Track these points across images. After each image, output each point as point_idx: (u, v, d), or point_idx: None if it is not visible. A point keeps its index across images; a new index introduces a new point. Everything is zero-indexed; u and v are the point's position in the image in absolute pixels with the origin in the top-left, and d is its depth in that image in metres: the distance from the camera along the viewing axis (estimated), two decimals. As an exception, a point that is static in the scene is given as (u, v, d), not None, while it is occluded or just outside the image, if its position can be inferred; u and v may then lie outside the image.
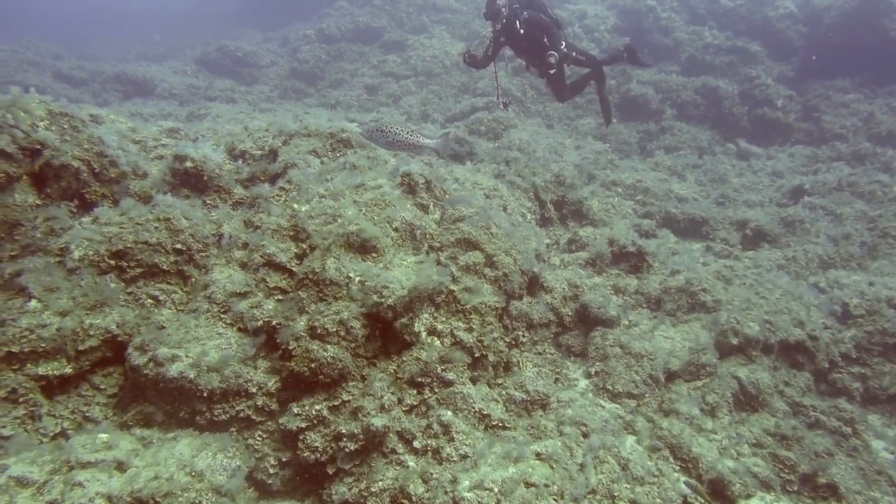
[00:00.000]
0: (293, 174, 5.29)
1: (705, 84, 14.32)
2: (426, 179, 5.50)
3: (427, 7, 18.42)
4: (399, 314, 4.35)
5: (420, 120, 12.40)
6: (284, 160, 5.74)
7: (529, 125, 13.13)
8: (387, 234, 4.73)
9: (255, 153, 5.98)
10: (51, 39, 18.83)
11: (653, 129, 13.62)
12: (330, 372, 4.08)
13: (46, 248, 4.14)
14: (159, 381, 3.72)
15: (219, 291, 4.27)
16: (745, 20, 16.28)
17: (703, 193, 10.94)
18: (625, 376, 5.19)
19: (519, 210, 7.34)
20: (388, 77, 15.29)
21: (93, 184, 4.89)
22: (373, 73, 15.62)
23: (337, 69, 16.10)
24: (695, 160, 12.43)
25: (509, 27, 9.02)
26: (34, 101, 4.90)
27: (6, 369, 3.51)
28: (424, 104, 13.14)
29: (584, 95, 14.76)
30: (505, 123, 11.93)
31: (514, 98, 14.16)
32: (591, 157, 11.70)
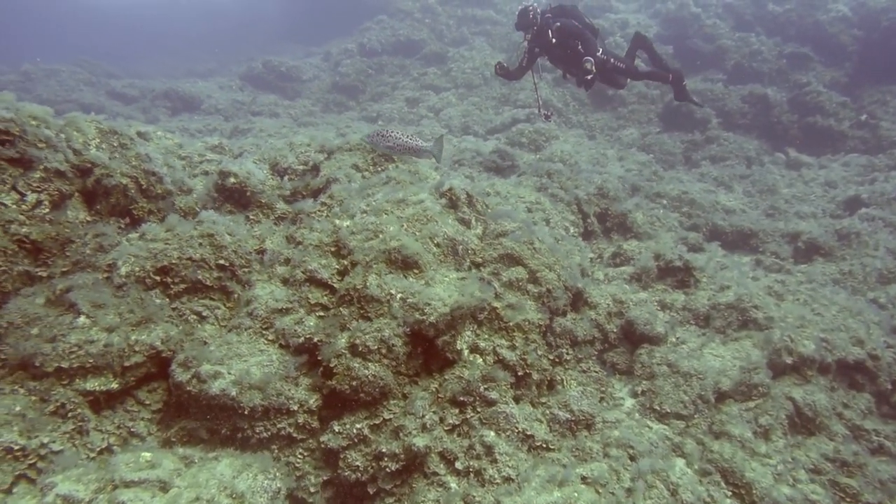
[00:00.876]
0: (335, 189, 5.30)
1: (753, 92, 13.96)
2: (468, 194, 5.44)
3: (467, 19, 18.45)
4: (441, 332, 4.29)
5: (460, 132, 12.38)
6: (326, 175, 5.76)
7: (571, 136, 12.99)
8: (429, 249, 4.69)
9: (298, 168, 6.01)
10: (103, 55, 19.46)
11: (698, 139, 13.32)
12: (371, 390, 4.04)
13: (95, 265, 4.21)
14: (202, 397, 3.73)
15: (261, 307, 4.28)
16: (795, 25, 15.84)
17: (752, 205, 10.63)
18: (673, 396, 5.02)
19: (562, 223, 7.22)
20: (428, 90, 15.33)
21: (140, 200, 4.98)
22: (413, 86, 15.69)
23: (378, 82, 16.23)
24: (742, 170, 12.09)
25: (541, 36, 8.96)
26: (86, 120, 5.02)
27: (56, 384, 3.56)
28: (465, 116, 13.12)
29: (627, 106, 14.61)
30: (546, 135, 11.82)
31: (556, 109, 14.04)
32: (634, 168, 11.49)
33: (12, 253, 4.06)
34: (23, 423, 3.31)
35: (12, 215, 4.15)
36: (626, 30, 16.97)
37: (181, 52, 24.34)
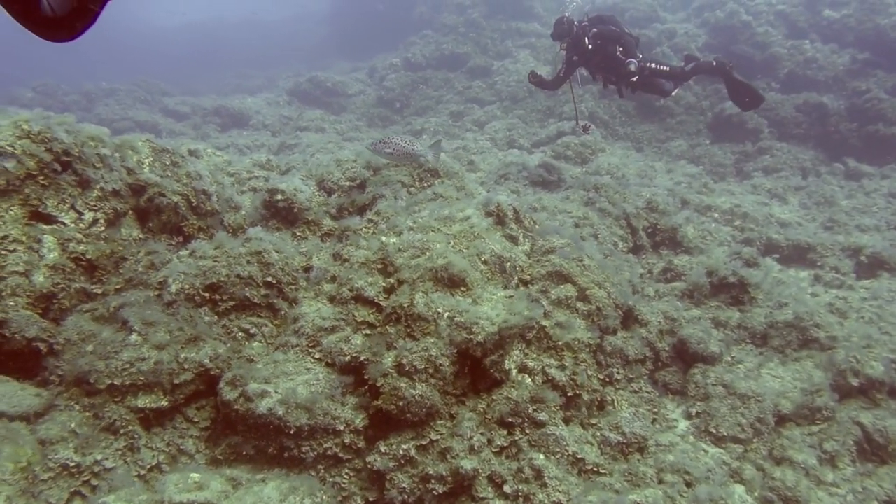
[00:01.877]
0: (381, 206, 5.29)
1: (807, 100, 13.51)
2: (515, 210, 5.36)
3: (511, 32, 18.42)
4: (489, 351, 4.21)
5: (506, 145, 12.32)
6: (372, 191, 5.76)
7: (618, 149, 12.80)
8: (476, 267, 4.63)
9: (345, 184, 6.04)
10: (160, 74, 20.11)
11: (749, 149, 12.94)
12: (418, 410, 3.98)
13: (147, 282, 4.28)
14: (249, 416, 3.74)
15: (308, 325, 4.28)
16: (853, 31, 15.30)
17: (809, 217, 10.25)
18: (729, 418, 4.82)
19: (610, 238, 7.08)
20: (472, 103, 15.33)
21: (190, 217, 5.06)
22: (458, 100, 15.71)
23: (422, 96, 16.30)
24: (797, 181, 11.69)
25: (578, 44, 8.86)
26: (140, 140, 5.14)
27: (109, 401, 3.62)
28: (510, 129, 13.06)
29: (675, 117, 14.31)
30: (593, 147, 11.66)
31: (602, 121, 13.86)
32: (683, 180, 11.23)
33: (70, 270, 4.16)
34: (77, 440, 3.36)
35: (71, 234, 4.26)
36: (673, 39, 16.67)
37: (231, 69, 24.97)
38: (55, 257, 4.10)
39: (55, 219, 4.30)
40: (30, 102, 16.68)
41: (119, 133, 13.40)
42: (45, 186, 4.27)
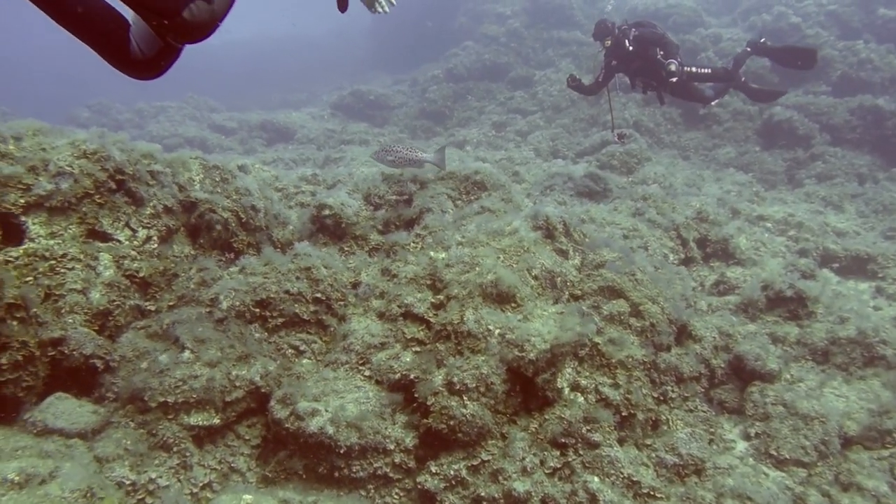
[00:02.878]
0: (429, 220, 5.25)
1: (862, 104, 13.01)
2: (565, 223, 5.27)
3: (553, 41, 18.30)
4: (541, 369, 4.12)
5: (550, 156, 12.20)
6: (419, 205, 5.73)
7: (664, 157, 12.55)
8: (526, 282, 4.54)
9: (391, 198, 6.03)
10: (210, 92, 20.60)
11: (801, 156, 12.52)
12: (469, 430, 3.91)
13: (198, 299, 4.32)
14: (300, 435, 3.72)
15: (357, 342, 4.25)
16: (911, 30, 14.76)
17: (867, 226, 9.86)
18: (791, 440, 4.61)
19: (660, 250, 6.90)
20: (515, 113, 15.25)
21: (240, 233, 5.11)
22: (500, 110, 15.65)
23: (464, 107, 16.29)
24: (854, 188, 11.26)
25: (618, 47, 8.73)
26: (190, 157, 5.22)
27: (163, 418, 3.64)
28: (553, 139, 12.94)
29: (722, 124, 13.96)
30: (638, 157, 11.45)
31: (646, 129, 13.61)
32: (733, 189, 10.93)
33: (124, 287, 4.22)
34: (133, 458, 3.39)
35: (125, 251, 4.33)
36: (719, 45, 16.32)
37: (275, 85, 25.44)
38: (111, 275, 4.18)
39: (111, 236, 4.38)
40: (86, 121, 17.25)
41: (170, 149, 13.72)
42: (101, 205, 4.36)
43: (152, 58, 2.41)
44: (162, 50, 2.47)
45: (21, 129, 4.40)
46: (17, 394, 3.42)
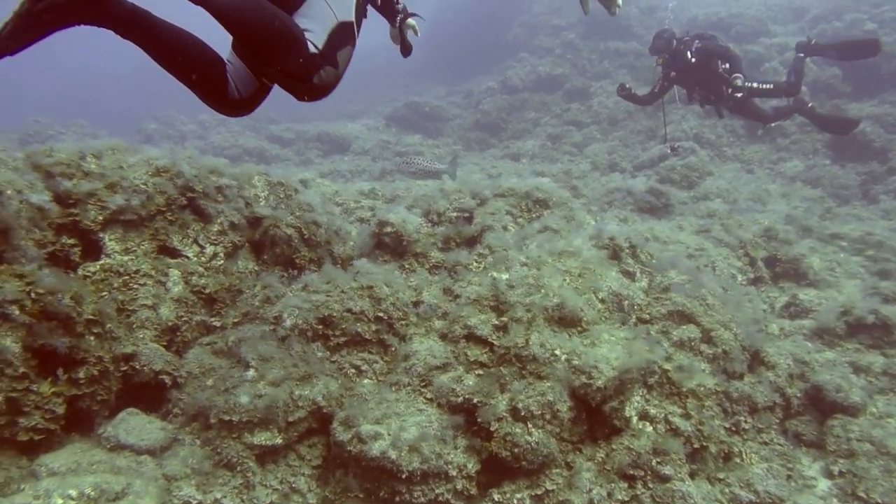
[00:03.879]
0: (490, 239, 5.17)
1: (945, 115, 12.37)
2: (631, 243, 5.11)
3: (609, 52, 18.04)
4: (608, 397, 3.98)
5: (607, 169, 11.99)
6: (480, 223, 5.66)
7: (727, 171, 12.16)
8: (592, 305, 4.41)
9: (452, 215, 5.97)
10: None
11: (877, 170, 11.93)
12: (533, 458, 3.80)
13: (263, 316, 4.34)
14: (362, 458, 3.67)
15: (419, 364, 4.19)
16: None
17: (952, 246, 9.29)
18: (883, 482, 4.32)
19: (728, 270, 6.65)
20: (570, 125, 15.07)
21: (302, 249, 5.13)
22: (555, 122, 15.49)
23: (519, 119, 16.20)
24: (937, 205, 10.67)
25: (678, 58, 8.50)
26: (256, 172, 5.28)
27: (227, 437, 3.66)
28: (610, 152, 12.71)
29: (788, 136, 13.46)
30: (700, 170, 11.14)
31: (708, 141, 13.24)
32: (802, 205, 10.48)
33: (192, 303, 4.28)
34: (199, 477, 3.40)
35: (193, 267, 4.39)
36: (785, 54, 15.78)
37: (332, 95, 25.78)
38: (179, 290, 4.24)
39: (180, 253, 4.45)
40: (153, 132, 17.85)
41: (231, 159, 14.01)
42: (172, 221, 4.44)
43: (248, 98, 2.53)
44: (258, 90, 2.57)
45: (101, 147, 4.52)
46: (92, 407, 3.48)
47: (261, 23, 2.18)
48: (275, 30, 2.19)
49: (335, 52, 2.38)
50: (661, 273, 5.06)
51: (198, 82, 2.39)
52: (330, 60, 2.36)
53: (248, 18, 2.17)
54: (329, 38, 2.37)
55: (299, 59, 2.27)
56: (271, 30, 2.19)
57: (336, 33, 2.39)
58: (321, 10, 2.38)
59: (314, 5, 2.37)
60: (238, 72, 2.50)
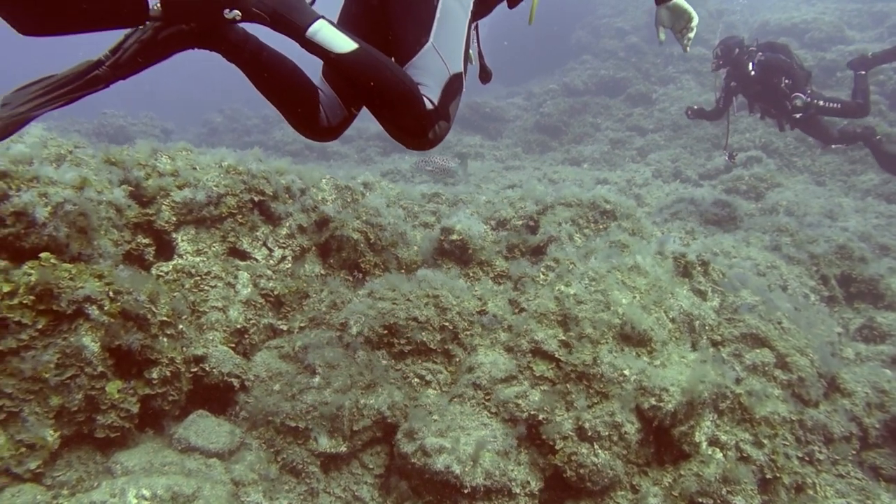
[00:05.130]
0: (557, 252, 5.08)
1: None
2: (703, 260, 4.94)
3: (674, 57, 17.59)
4: (678, 421, 3.85)
5: (671, 177, 11.68)
6: (545, 232, 5.57)
7: (796, 183, 11.70)
8: (663, 325, 4.28)
9: (516, 223, 5.91)
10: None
11: (960, 186, 11.30)
12: (599, 480, 3.71)
13: (329, 322, 4.36)
14: (425, 471, 3.65)
15: (484, 377, 4.14)
16: None
17: None
18: (969, 526, 4.07)
19: (801, 289, 6.38)
20: (632, 131, 14.76)
21: (368, 253, 5.14)
22: (617, 127, 15.20)
23: (580, 122, 15.95)
24: None
25: (739, 69, 8.25)
26: (324, 177, 5.32)
27: (293, 443, 3.68)
28: (674, 160, 12.38)
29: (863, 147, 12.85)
30: (768, 181, 10.74)
31: (776, 151, 12.76)
32: (878, 222, 9.99)
33: (260, 306, 4.33)
34: (265, 483, 3.43)
35: (262, 270, 4.44)
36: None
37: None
38: (248, 293, 4.29)
39: (249, 255, 4.52)
40: (218, 125, 18.28)
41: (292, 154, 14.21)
42: (242, 224, 4.50)
43: (336, 126, 2.57)
44: (346, 118, 2.60)
45: (174, 149, 4.62)
46: (164, 407, 3.55)
47: (382, 81, 2.19)
48: (394, 88, 2.21)
49: (448, 105, 2.38)
50: (733, 292, 4.88)
51: (291, 110, 2.43)
52: (443, 115, 2.36)
53: (370, 76, 2.18)
54: (443, 92, 2.36)
55: (416, 117, 2.28)
56: (391, 88, 2.20)
57: (449, 86, 2.38)
58: (435, 63, 2.36)
59: (427, 57, 2.36)
60: (329, 100, 2.53)
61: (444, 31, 2.40)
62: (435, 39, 2.37)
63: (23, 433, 3.01)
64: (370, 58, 2.15)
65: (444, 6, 2.42)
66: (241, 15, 2.00)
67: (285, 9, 2.04)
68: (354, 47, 2.11)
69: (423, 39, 2.37)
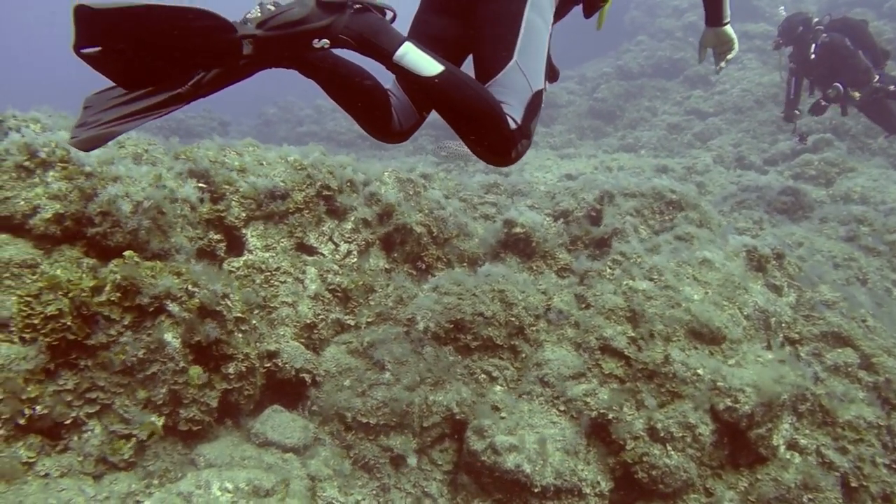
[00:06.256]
0: (623, 245, 4.97)
1: None
2: (777, 253, 4.76)
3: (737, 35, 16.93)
4: (755, 423, 3.74)
5: (734, 163, 11.30)
6: (609, 224, 5.46)
7: (871, 167, 11.16)
8: (737, 322, 4.15)
9: (578, 215, 5.81)
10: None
11: None
12: (671, 482, 3.63)
13: (396, 318, 4.38)
14: (495, 469, 3.64)
15: (552, 374, 4.10)
16: None
17: None
18: None
19: (881, 283, 6.09)
20: (691, 115, 14.32)
21: (430, 247, 5.13)
22: (675, 111, 14.77)
23: (636, 107, 15.57)
24: None
25: (801, 50, 7.75)
26: (386, 170, 5.32)
27: (364, 439, 3.73)
28: (737, 145, 11.97)
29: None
30: (840, 166, 10.26)
31: (848, 133, 12.19)
32: (962, 208, 9.46)
33: (327, 301, 4.38)
34: (340, 479, 3.48)
35: (328, 265, 4.49)
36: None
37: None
38: (316, 288, 4.34)
39: (315, 250, 4.56)
40: (272, 117, 18.59)
41: (345, 144, 14.26)
42: (309, 219, 4.54)
43: (408, 129, 2.59)
44: (417, 122, 2.61)
45: (241, 145, 4.70)
46: (240, 402, 3.63)
47: (467, 103, 2.17)
48: (480, 110, 2.18)
49: (530, 123, 2.33)
50: (810, 287, 4.70)
51: (365, 118, 2.46)
52: (526, 134, 2.32)
53: (457, 99, 2.16)
54: (525, 110, 2.31)
55: (501, 137, 2.25)
56: (477, 110, 2.18)
57: (531, 104, 2.34)
58: (518, 81, 2.32)
59: (511, 75, 2.31)
60: (401, 104, 2.54)
61: (528, 47, 2.36)
62: (519, 57, 2.32)
63: (116, 424, 3.12)
64: (457, 80, 2.14)
65: (528, 22, 2.37)
66: (329, 43, 2.01)
67: (372, 33, 2.04)
68: (440, 70, 2.09)
69: (507, 57, 2.32)
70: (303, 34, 1.95)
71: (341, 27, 2.00)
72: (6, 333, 2.93)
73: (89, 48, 1.74)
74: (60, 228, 3.34)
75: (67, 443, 3.00)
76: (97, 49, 1.75)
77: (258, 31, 1.90)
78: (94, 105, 2.22)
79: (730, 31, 3.14)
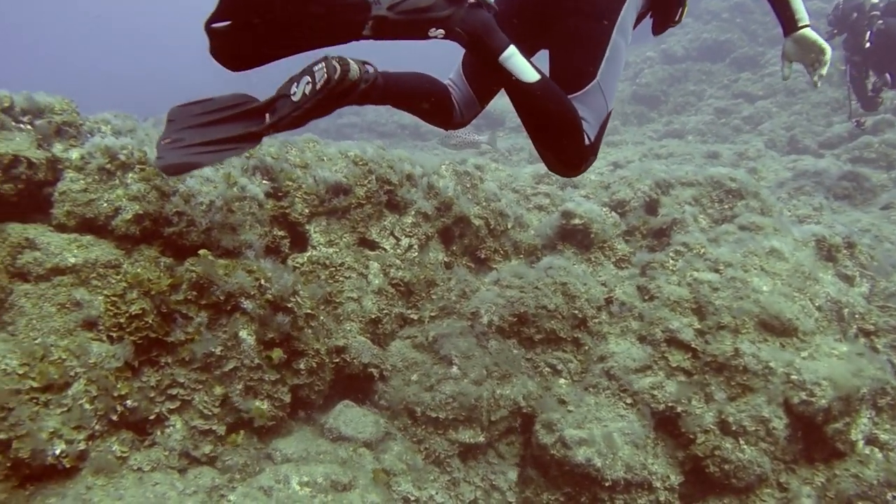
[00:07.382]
0: (684, 236, 4.89)
1: None
2: (849, 241, 4.63)
3: (786, 13, 16.42)
4: (832, 418, 3.65)
5: (787, 147, 11.00)
6: (667, 214, 5.38)
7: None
8: (809, 314, 4.05)
9: (634, 204, 5.72)
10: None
11: None
12: (744, 476, 3.58)
13: (460, 312, 4.39)
14: (565, 463, 3.64)
15: (617, 367, 4.07)
16: None
17: None
18: None
19: (953, 271, 5.88)
20: (739, 98, 13.96)
21: (488, 240, 5.13)
22: (722, 94, 14.43)
23: (680, 91, 15.26)
24: None
25: (855, 37, 7.35)
26: (443, 163, 5.33)
27: (434, 433, 3.76)
28: (790, 128, 11.63)
29: None
30: (903, 148, 9.90)
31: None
32: None
33: (391, 296, 4.41)
34: (413, 473, 3.52)
35: (391, 259, 4.52)
36: None
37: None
38: (379, 283, 4.37)
39: (377, 245, 4.60)
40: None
41: (387, 135, 14.32)
42: (370, 213, 4.58)
43: (468, 118, 2.72)
44: (477, 112, 2.71)
45: (302, 141, 4.75)
46: (311, 397, 3.70)
47: (557, 114, 2.23)
48: (566, 123, 2.25)
49: (600, 140, 2.42)
50: (884, 277, 4.56)
51: (430, 118, 2.57)
52: (596, 151, 2.39)
53: (549, 108, 2.22)
54: (599, 128, 2.40)
55: (576, 151, 2.33)
56: (563, 122, 2.24)
57: (604, 123, 2.43)
58: (598, 100, 2.38)
59: (592, 94, 2.37)
60: (463, 96, 2.63)
61: (610, 69, 2.41)
62: (601, 77, 2.37)
63: (196, 419, 3.21)
64: (552, 90, 2.19)
65: (614, 44, 2.41)
66: (444, 34, 2.06)
67: (485, 31, 2.08)
68: (538, 77, 2.13)
69: (591, 75, 2.37)
70: (426, 21, 2.02)
71: (458, 20, 2.06)
72: (96, 332, 3.03)
73: (222, 22, 1.83)
74: (139, 228, 3.43)
75: (153, 438, 3.10)
76: (227, 24, 1.84)
77: (389, 14, 1.97)
78: (177, 119, 2.30)
79: (811, 35, 2.64)
